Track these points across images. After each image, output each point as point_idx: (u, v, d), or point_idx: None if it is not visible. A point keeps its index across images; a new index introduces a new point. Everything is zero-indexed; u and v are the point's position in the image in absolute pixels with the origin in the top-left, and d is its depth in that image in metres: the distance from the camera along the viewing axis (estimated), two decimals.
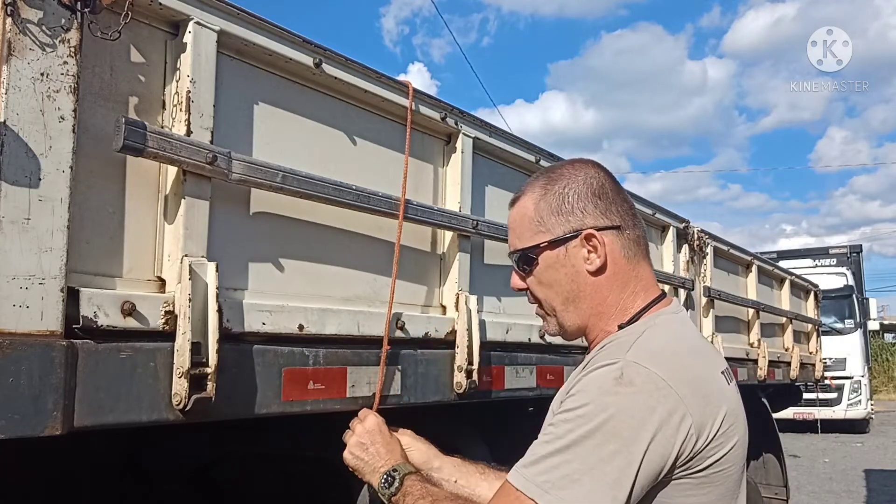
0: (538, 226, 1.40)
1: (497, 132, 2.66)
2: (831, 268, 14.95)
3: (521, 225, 1.44)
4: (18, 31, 1.28)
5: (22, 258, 1.28)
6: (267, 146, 1.83)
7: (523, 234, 1.43)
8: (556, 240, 1.39)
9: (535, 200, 1.42)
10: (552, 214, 1.40)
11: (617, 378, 1.19)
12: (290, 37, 1.85)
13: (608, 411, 1.16)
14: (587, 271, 1.38)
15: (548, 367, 2.84)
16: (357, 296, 2.08)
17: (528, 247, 1.42)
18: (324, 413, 1.89)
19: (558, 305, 1.43)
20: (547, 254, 1.40)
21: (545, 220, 1.40)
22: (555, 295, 1.42)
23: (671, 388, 1.18)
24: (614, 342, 1.32)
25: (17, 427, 1.25)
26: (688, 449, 1.19)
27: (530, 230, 1.41)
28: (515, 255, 1.45)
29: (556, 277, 1.41)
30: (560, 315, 1.44)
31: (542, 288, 1.44)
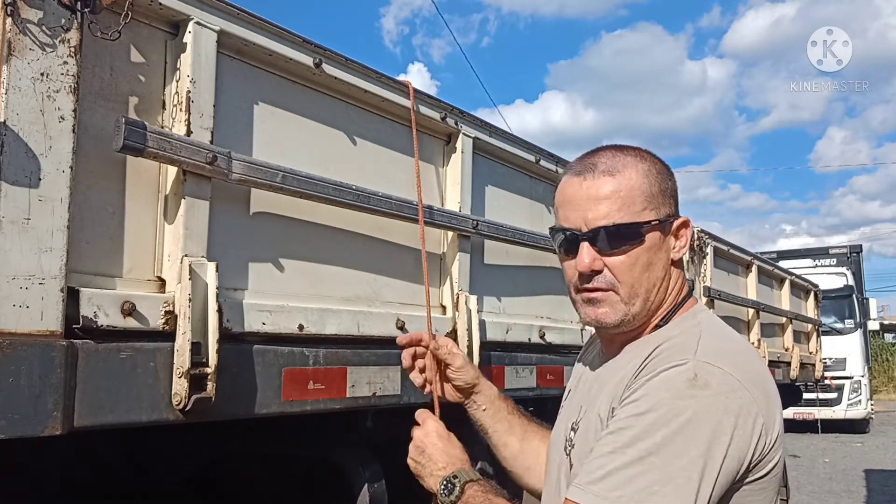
0: (647, 202, 1.27)
1: (497, 132, 2.67)
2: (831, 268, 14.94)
3: (627, 196, 1.27)
4: (18, 31, 1.28)
5: (22, 258, 1.28)
6: (267, 146, 1.83)
7: (627, 208, 1.26)
8: (664, 220, 1.29)
9: (644, 174, 1.29)
10: (661, 193, 1.29)
11: (691, 380, 1.12)
12: (290, 37, 1.85)
13: (685, 415, 1.09)
14: (671, 260, 1.31)
15: (548, 367, 2.84)
16: (357, 296, 2.08)
17: (637, 222, 1.26)
18: (324, 413, 1.89)
19: (643, 291, 1.28)
20: (654, 234, 1.28)
21: (656, 197, 1.28)
22: (646, 280, 1.28)
23: (745, 389, 1.13)
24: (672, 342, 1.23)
25: (17, 427, 1.25)
26: (759, 451, 1.14)
27: (639, 203, 1.27)
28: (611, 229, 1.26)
29: (653, 261, 1.28)
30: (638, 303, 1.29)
31: (635, 270, 1.27)
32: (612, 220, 1.26)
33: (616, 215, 1.27)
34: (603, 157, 1.31)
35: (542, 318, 2.95)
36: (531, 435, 1.68)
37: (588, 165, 1.30)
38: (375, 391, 2.02)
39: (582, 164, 1.32)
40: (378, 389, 2.02)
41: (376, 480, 2.11)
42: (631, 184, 1.28)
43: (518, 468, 1.66)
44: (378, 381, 2.03)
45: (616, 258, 1.27)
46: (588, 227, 1.27)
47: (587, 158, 1.33)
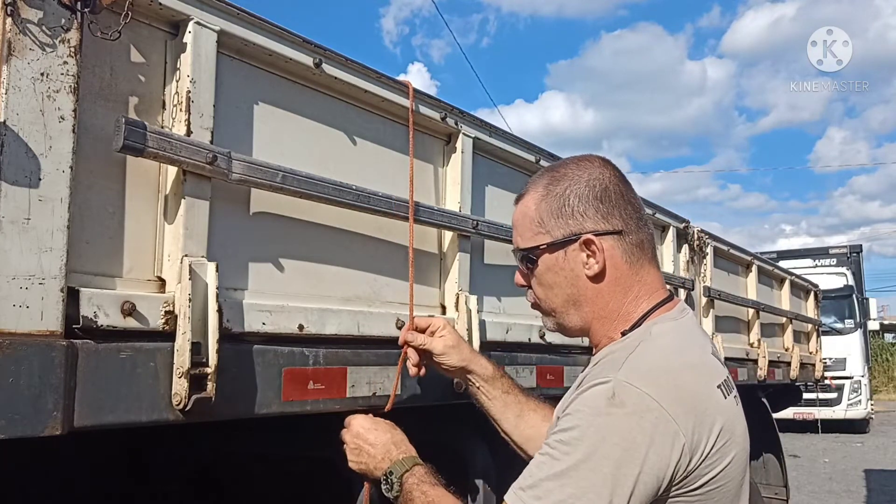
0: (538, 227, 1.40)
1: (497, 132, 2.66)
2: (831, 268, 14.95)
3: (522, 224, 1.44)
4: (18, 31, 1.28)
5: (22, 258, 1.28)
6: (267, 146, 1.83)
7: (524, 234, 1.43)
8: (554, 243, 1.38)
9: (537, 201, 1.41)
10: (552, 217, 1.39)
11: (609, 399, 1.18)
12: (290, 37, 1.85)
13: (600, 433, 1.15)
14: (586, 276, 1.37)
15: (548, 367, 2.84)
16: (357, 296, 2.08)
17: (528, 247, 1.42)
18: (324, 413, 1.89)
19: (558, 307, 1.43)
20: (546, 256, 1.40)
21: (545, 221, 1.39)
22: (554, 296, 1.42)
23: (662, 409, 1.16)
24: (609, 357, 1.31)
25: (17, 427, 1.25)
26: (682, 468, 1.17)
27: (531, 230, 1.41)
28: (518, 253, 1.46)
29: (555, 280, 1.40)
30: (559, 315, 1.44)
31: (541, 289, 1.44)
32: (517, 244, 1.46)
33: (519, 240, 1.46)
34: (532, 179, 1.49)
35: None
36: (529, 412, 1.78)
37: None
38: (375, 391, 2.02)
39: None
40: (378, 389, 2.02)
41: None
42: (524, 211, 1.43)
43: (518, 439, 1.77)
44: (378, 381, 2.03)
45: (531, 278, 1.45)
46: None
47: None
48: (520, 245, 1.44)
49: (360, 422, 1.67)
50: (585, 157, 1.44)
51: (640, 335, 1.33)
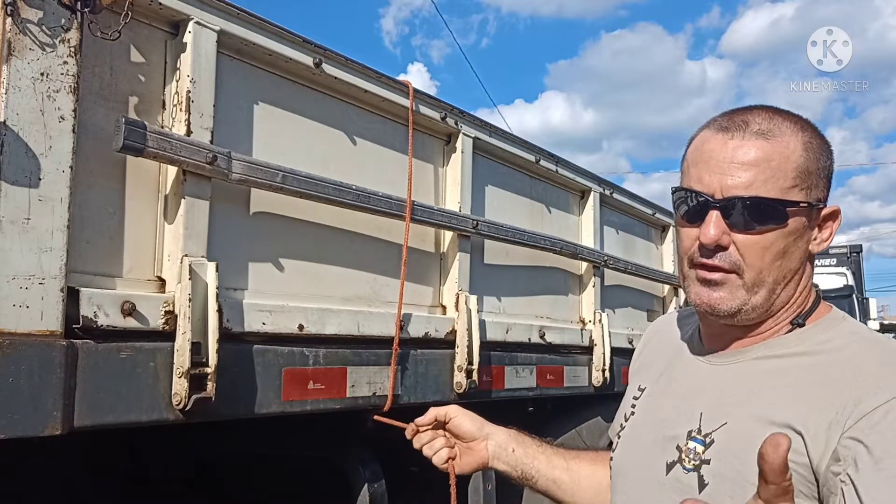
0: (800, 179, 1.08)
1: (497, 132, 2.66)
2: (831, 268, 14.93)
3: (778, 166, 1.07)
4: (18, 31, 1.28)
5: (22, 258, 1.28)
6: (267, 146, 1.83)
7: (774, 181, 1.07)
8: (814, 204, 1.09)
9: (804, 146, 1.09)
10: (818, 173, 1.09)
11: None
12: (290, 37, 1.85)
13: None
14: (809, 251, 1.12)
15: (548, 367, 2.84)
16: (357, 296, 2.08)
17: (783, 199, 1.07)
18: (324, 413, 1.89)
19: (771, 281, 1.10)
20: (798, 218, 1.08)
21: (811, 174, 1.09)
22: (778, 268, 1.09)
23: None
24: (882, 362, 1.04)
25: (17, 427, 1.25)
26: None
27: (790, 179, 1.07)
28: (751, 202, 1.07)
29: (791, 249, 1.10)
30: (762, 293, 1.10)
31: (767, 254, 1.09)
32: (756, 191, 1.07)
33: (761, 187, 1.07)
34: (757, 116, 1.11)
35: (542, 318, 2.95)
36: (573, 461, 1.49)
37: (738, 123, 1.10)
38: (375, 391, 2.02)
39: (730, 120, 1.12)
40: (378, 389, 2.02)
41: (376, 480, 2.10)
42: (786, 153, 1.08)
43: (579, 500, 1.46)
44: (378, 381, 2.03)
45: (749, 237, 1.08)
46: (724, 194, 1.07)
47: (737, 115, 1.13)
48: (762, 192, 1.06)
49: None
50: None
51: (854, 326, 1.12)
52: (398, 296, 2.10)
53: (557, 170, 3.01)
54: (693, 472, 1.10)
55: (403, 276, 2.11)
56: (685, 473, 1.10)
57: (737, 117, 1.11)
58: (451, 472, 1.45)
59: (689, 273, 1.13)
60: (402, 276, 2.12)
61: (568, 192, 3.20)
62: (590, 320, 3.20)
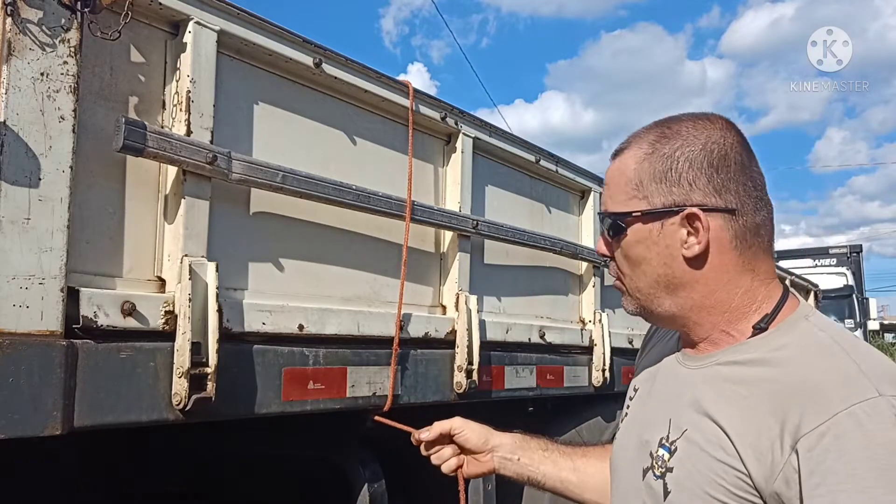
0: (635, 190, 1.14)
1: (497, 132, 2.66)
2: (831, 268, 14.93)
3: (616, 184, 1.17)
4: (18, 31, 1.28)
5: (22, 258, 1.28)
6: (267, 146, 1.83)
7: (616, 196, 1.17)
8: (651, 212, 1.13)
9: (639, 159, 1.15)
10: (654, 180, 1.13)
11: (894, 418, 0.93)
12: (290, 37, 1.85)
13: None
14: (683, 256, 1.13)
15: (548, 367, 2.84)
16: (357, 296, 2.08)
17: (618, 212, 1.16)
18: (324, 413, 1.89)
19: (643, 287, 1.17)
20: (638, 226, 1.14)
21: (644, 184, 1.14)
22: (640, 275, 1.17)
23: None
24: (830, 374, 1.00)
25: (17, 427, 1.25)
26: None
27: (625, 193, 1.15)
28: (604, 217, 1.20)
29: (644, 256, 1.15)
30: (644, 298, 1.18)
31: (626, 263, 1.18)
32: (605, 207, 1.20)
33: (608, 202, 1.19)
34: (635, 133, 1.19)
35: (542, 318, 2.95)
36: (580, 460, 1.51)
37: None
38: (375, 391, 2.02)
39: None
40: (378, 389, 2.02)
41: (376, 480, 2.11)
42: (622, 169, 1.17)
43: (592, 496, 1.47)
44: (378, 381, 2.03)
45: (616, 248, 1.19)
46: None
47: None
48: (609, 208, 1.18)
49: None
50: (705, 115, 1.17)
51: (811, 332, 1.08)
52: (398, 296, 2.10)
53: (557, 170, 3.01)
54: (660, 480, 1.11)
55: (403, 276, 2.11)
56: (654, 480, 1.12)
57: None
58: (461, 480, 1.47)
59: None
60: (402, 276, 2.12)
61: (568, 192, 3.21)
62: (590, 320, 3.20)
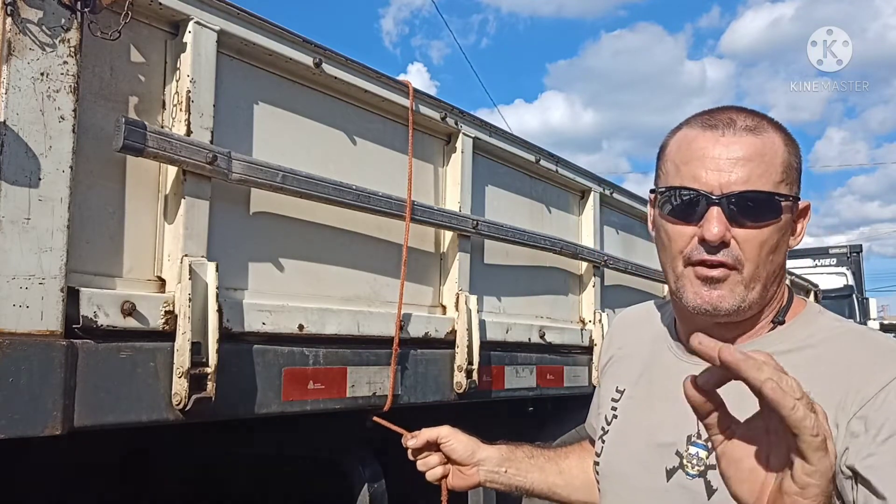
0: (784, 174, 1.08)
1: (497, 132, 2.66)
2: (831, 268, 14.92)
3: (770, 161, 1.07)
4: (18, 30, 1.28)
5: (22, 258, 1.28)
6: (267, 146, 1.83)
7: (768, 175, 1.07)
8: (797, 199, 1.09)
9: (785, 143, 1.10)
10: (796, 169, 1.10)
11: None
12: (290, 37, 1.85)
13: None
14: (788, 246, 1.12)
15: (548, 367, 2.84)
16: (357, 296, 2.08)
17: (781, 193, 1.07)
18: (324, 413, 1.89)
19: (766, 276, 1.09)
20: (787, 213, 1.08)
21: (793, 170, 1.09)
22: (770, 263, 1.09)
23: None
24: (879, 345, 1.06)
25: (17, 427, 1.25)
26: None
27: (778, 174, 1.07)
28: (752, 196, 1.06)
29: (781, 242, 1.09)
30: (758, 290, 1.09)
31: (762, 249, 1.07)
32: (753, 186, 1.06)
33: (757, 181, 1.06)
34: (740, 114, 1.11)
35: (542, 318, 2.95)
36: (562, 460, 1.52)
37: (725, 120, 1.10)
38: (375, 391, 2.02)
39: (715, 119, 1.11)
40: (378, 389, 2.02)
41: (376, 480, 2.11)
42: (774, 149, 1.08)
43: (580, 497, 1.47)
44: (378, 381, 2.03)
45: (748, 231, 1.07)
46: (723, 190, 1.06)
47: (720, 113, 1.12)
48: (759, 186, 1.06)
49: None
50: None
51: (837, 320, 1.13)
52: (398, 296, 2.10)
53: (557, 170, 3.01)
54: (699, 478, 1.08)
55: (403, 276, 2.11)
56: (690, 479, 1.09)
57: (721, 115, 1.11)
58: (444, 490, 1.47)
59: (686, 272, 1.11)
60: (402, 276, 2.12)
61: (568, 192, 3.21)
62: (590, 320, 3.20)
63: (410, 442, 1.47)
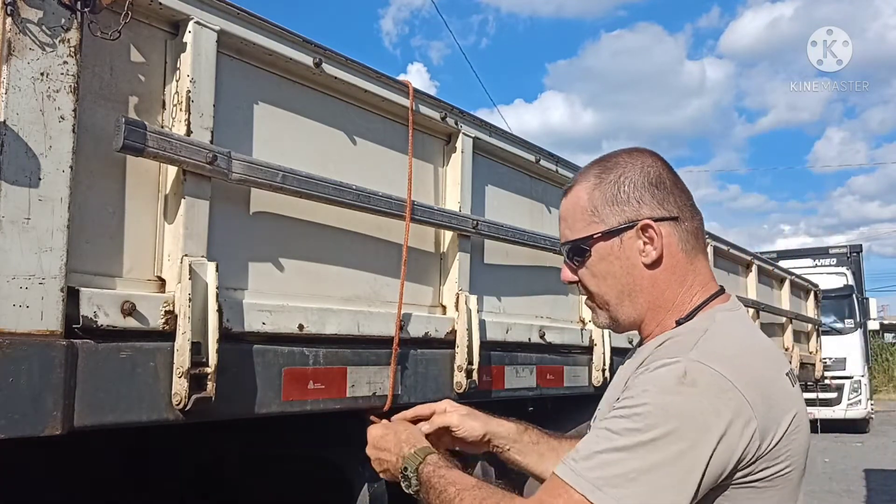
0: (591, 216, 1.35)
1: (497, 132, 2.67)
2: (831, 268, 14.93)
3: (573, 215, 1.38)
4: (18, 30, 1.28)
5: (22, 258, 1.28)
6: (267, 146, 1.83)
7: (575, 225, 1.37)
8: (610, 231, 1.33)
9: (589, 190, 1.36)
10: (606, 204, 1.34)
11: (680, 377, 1.14)
12: (290, 37, 1.85)
13: (670, 412, 1.11)
14: (643, 264, 1.33)
15: (548, 367, 2.84)
16: (357, 296, 2.08)
17: (580, 238, 1.36)
18: (324, 413, 1.89)
19: (612, 299, 1.36)
20: (601, 245, 1.34)
21: (599, 210, 1.35)
22: (608, 288, 1.36)
23: (737, 390, 1.13)
24: (674, 339, 1.27)
25: (17, 427, 1.25)
26: (750, 454, 1.14)
27: (583, 220, 1.36)
28: (567, 246, 1.39)
29: (610, 270, 1.35)
30: (614, 309, 1.37)
31: (595, 280, 1.37)
32: (566, 237, 1.39)
33: (568, 233, 1.39)
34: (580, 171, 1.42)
35: (542, 317, 2.95)
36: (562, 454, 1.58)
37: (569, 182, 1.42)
38: (375, 391, 2.02)
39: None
40: (378, 389, 2.03)
41: (376, 480, 2.10)
42: (575, 201, 1.38)
43: None
44: (378, 381, 2.03)
45: (581, 271, 1.39)
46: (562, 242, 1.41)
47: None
48: (569, 237, 1.38)
49: (375, 432, 1.58)
50: (635, 149, 1.41)
51: (703, 321, 1.29)
52: (398, 296, 2.10)
53: (557, 170, 3.01)
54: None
55: (403, 276, 2.11)
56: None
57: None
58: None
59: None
60: (402, 276, 2.12)
61: None
62: (590, 320, 3.20)
63: (424, 427, 1.58)
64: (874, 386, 19.93)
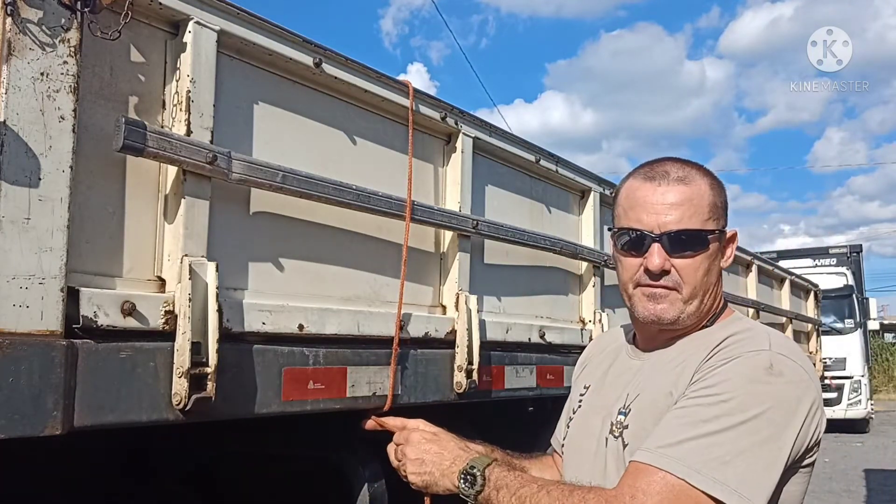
0: (711, 212, 1.41)
1: (497, 132, 2.67)
2: (831, 268, 14.93)
3: (698, 205, 1.40)
4: (18, 30, 1.28)
5: (22, 258, 1.28)
6: (267, 146, 1.83)
7: (696, 216, 1.39)
8: (722, 231, 1.44)
9: (710, 187, 1.43)
10: (723, 207, 1.44)
11: (767, 368, 1.24)
12: (290, 36, 1.85)
13: (761, 399, 1.21)
14: (720, 267, 1.46)
15: (548, 367, 2.84)
16: (357, 296, 2.08)
17: (706, 229, 1.40)
18: (324, 413, 1.89)
19: (701, 293, 1.41)
20: (715, 243, 1.41)
21: (719, 209, 1.43)
22: (704, 283, 1.41)
23: (812, 381, 1.28)
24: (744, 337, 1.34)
25: (17, 427, 1.25)
26: (813, 440, 1.27)
27: (706, 213, 1.40)
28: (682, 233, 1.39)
29: (712, 266, 1.42)
30: (695, 302, 1.41)
31: (696, 273, 1.40)
32: (684, 225, 1.39)
33: (687, 221, 1.39)
34: (673, 166, 1.43)
35: (542, 317, 2.95)
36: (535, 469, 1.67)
37: (661, 172, 1.41)
38: (375, 391, 2.02)
39: (653, 171, 1.43)
40: (378, 389, 2.02)
41: (376, 480, 2.11)
42: (700, 193, 1.40)
43: None
44: (378, 381, 2.03)
45: (683, 261, 1.39)
46: (661, 230, 1.38)
47: (657, 166, 1.44)
48: (688, 225, 1.38)
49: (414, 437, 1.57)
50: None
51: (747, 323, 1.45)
52: (398, 296, 2.10)
53: (557, 170, 3.01)
54: (619, 438, 1.38)
55: (403, 276, 2.11)
56: (614, 440, 1.39)
57: (657, 168, 1.43)
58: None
59: (636, 292, 1.44)
60: (402, 276, 2.12)
61: (568, 192, 3.21)
62: (590, 320, 3.20)
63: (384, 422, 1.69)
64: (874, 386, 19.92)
